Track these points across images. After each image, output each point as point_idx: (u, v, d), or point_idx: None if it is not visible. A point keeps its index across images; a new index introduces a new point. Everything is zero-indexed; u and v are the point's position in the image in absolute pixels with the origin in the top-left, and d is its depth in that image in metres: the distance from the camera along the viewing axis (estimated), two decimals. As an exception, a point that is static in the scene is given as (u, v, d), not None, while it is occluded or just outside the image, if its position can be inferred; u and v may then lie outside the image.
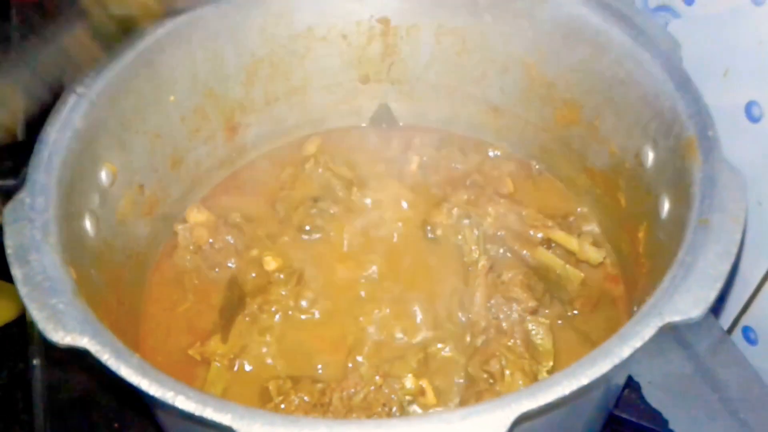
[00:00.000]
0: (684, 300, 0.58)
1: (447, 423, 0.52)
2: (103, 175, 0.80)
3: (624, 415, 0.87)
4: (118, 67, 0.81)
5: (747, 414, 0.91)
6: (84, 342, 0.58)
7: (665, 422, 0.88)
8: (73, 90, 0.77)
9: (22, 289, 0.61)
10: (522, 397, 0.53)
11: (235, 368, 0.83)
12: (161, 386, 0.55)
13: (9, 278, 1.03)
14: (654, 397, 0.90)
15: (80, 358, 0.80)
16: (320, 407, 0.76)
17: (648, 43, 0.79)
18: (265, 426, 0.52)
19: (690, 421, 0.89)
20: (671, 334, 0.58)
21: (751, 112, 0.90)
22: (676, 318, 0.57)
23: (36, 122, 0.77)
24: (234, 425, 0.53)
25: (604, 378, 0.55)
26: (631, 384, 0.89)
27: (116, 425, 0.92)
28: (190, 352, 0.84)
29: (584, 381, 0.54)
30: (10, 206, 0.67)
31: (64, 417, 0.93)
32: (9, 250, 0.64)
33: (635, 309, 0.81)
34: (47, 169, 0.71)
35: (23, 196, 0.68)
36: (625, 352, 0.55)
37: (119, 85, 0.81)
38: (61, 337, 0.58)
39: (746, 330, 1.01)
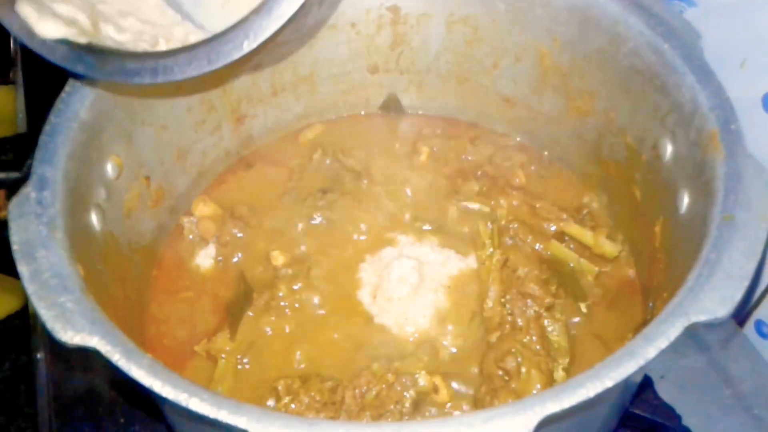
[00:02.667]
0: (710, 299, 0.57)
1: (469, 426, 0.51)
2: (109, 168, 0.78)
3: (637, 411, 0.86)
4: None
5: (760, 409, 0.90)
6: (94, 342, 0.56)
7: (678, 418, 0.87)
8: (78, 80, 0.75)
9: (30, 287, 0.60)
10: (546, 399, 0.52)
11: (242, 366, 0.81)
12: (174, 388, 0.54)
13: (9, 271, 1.02)
14: (667, 392, 0.89)
15: (86, 355, 0.78)
16: (331, 406, 0.75)
17: (668, 33, 0.77)
18: (282, 429, 0.51)
19: (703, 416, 0.88)
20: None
21: (768, 104, 0.89)
22: (702, 318, 0.56)
23: (39, 113, 0.75)
24: (250, 428, 0.52)
25: (628, 379, 0.54)
26: (643, 379, 0.88)
27: (122, 420, 0.91)
28: (197, 348, 0.83)
29: (609, 383, 0.53)
30: (15, 201, 0.66)
31: (68, 411, 0.92)
32: (15, 246, 0.62)
33: (651, 304, 0.80)
34: (53, 163, 0.69)
35: (29, 190, 0.66)
36: (651, 353, 0.54)
37: (125, 75, 0.79)
38: (71, 336, 0.57)
39: (759, 324, 1.00)
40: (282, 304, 0.85)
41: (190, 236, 0.92)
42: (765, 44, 0.87)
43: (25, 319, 1.10)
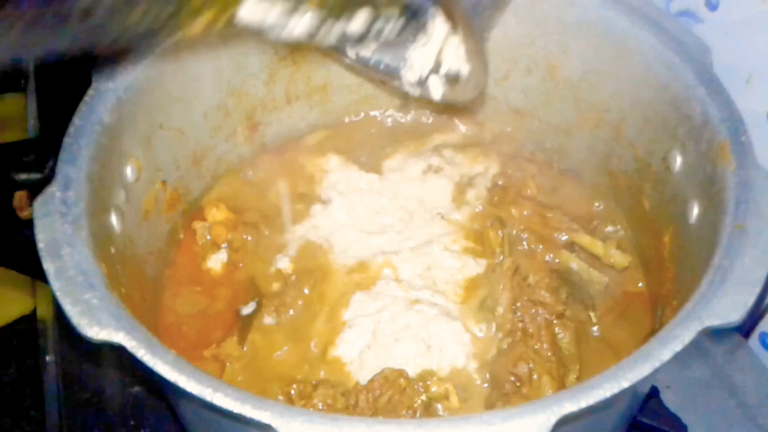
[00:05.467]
0: (722, 304, 0.58)
1: (489, 424, 0.52)
2: (129, 171, 0.80)
3: (644, 420, 0.87)
4: (145, 62, 0.81)
5: (764, 419, 0.91)
6: (120, 338, 0.57)
7: (684, 427, 0.88)
8: (101, 84, 0.77)
9: (55, 284, 0.61)
10: (564, 399, 0.53)
11: (251, 371, 0.82)
12: (198, 383, 0.55)
13: (23, 270, 1.03)
14: (672, 402, 0.90)
15: (96, 358, 0.79)
16: (344, 410, 0.76)
17: (678, 47, 0.79)
18: (305, 424, 0.52)
19: (708, 426, 0.89)
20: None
21: (774, 119, 0.91)
22: (716, 322, 0.57)
23: (51, 115, 0.76)
24: (273, 423, 0.52)
25: (642, 381, 0.55)
26: (650, 389, 0.89)
27: (132, 422, 0.91)
28: (206, 353, 0.83)
29: (625, 384, 0.54)
30: (40, 200, 0.67)
31: (78, 414, 0.92)
32: (41, 245, 0.63)
33: (660, 313, 0.81)
34: (76, 164, 0.70)
35: (54, 189, 0.68)
36: (665, 355, 0.55)
37: (146, 80, 0.81)
38: (96, 332, 0.58)
39: (763, 336, 1.02)
40: (291, 310, 0.86)
41: (203, 241, 0.93)
42: (771, 61, 0.89)
43: (31, 322, 1.10)
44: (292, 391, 0.78)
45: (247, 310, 0.87)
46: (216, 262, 0.92)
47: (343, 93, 1.03)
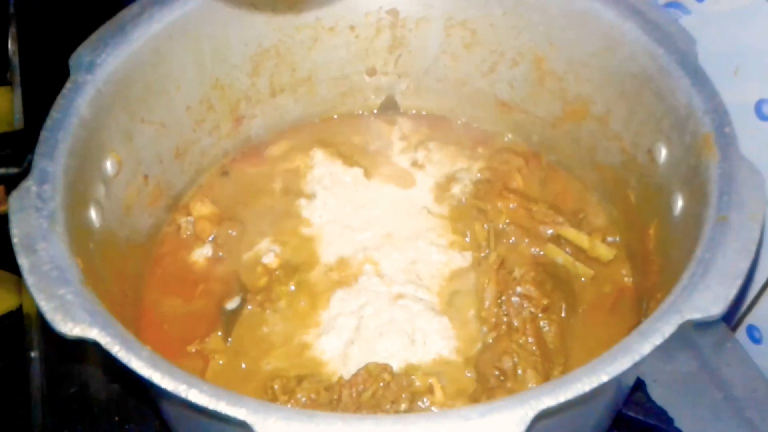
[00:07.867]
0: (704, 297, 0.58)
1: (466, 419, 0.51)
2: (109, 165, 0.79)
3: (630, 413, 0.87)
4: (125, 54, 0.80)
5: (751, 412, 0.91)
6: (94, 334, 0.57)
7: (671, 420, 0.88)
8: (79, 76, 0.76)
9: (29, 279, 0.60)
10: (542, 393, 0.52)
11: (235, 366, 0.81)
12: (173, 379, 0.54)
13: (8, 267, 1.02)
14: (659, 395, 0.90)
15: (81, 353, 0.78)
16: (327, 405, 0.75)
17: (663, 38, 0.78)
18: (281, 420, 0.52)
19: (695, 419, 0.89)
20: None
21: (761, 111, 0.90)
22: (696, 315, 0.57)
23: (36, 112, 0.75)
24: (248, 420, 0.52)
25: (623, 375, 0.55)
26: (636, 382, 0.89)
27: (117, 418, 0.91)
28: (189, 348, 0.83)
29: (604, 378, 0.53)
30: (15, 194, 0.66)
31: (63, 410, 0.92)
32: (15, 239, 0.62)
33: (645, 306, 0.81)
34: (53, 158, 0.69)
35: (29, 184, 0.67)
36: (646, 348, 0.55)
37: (126, 72, 0.80)
38: (70, 328, 0.57)
39: (751, 329, 1.01)
40: (277, 305, 0.86)
41: (186, 235, 0.92)
42: (758, 52, 0.88)
43: (18, 318, 1.09)
44: (276, 386, 0.77)
45: (231, 305, 0.86)
46: (200, 256, 0.91)
47: (328, 85, 1.02)
